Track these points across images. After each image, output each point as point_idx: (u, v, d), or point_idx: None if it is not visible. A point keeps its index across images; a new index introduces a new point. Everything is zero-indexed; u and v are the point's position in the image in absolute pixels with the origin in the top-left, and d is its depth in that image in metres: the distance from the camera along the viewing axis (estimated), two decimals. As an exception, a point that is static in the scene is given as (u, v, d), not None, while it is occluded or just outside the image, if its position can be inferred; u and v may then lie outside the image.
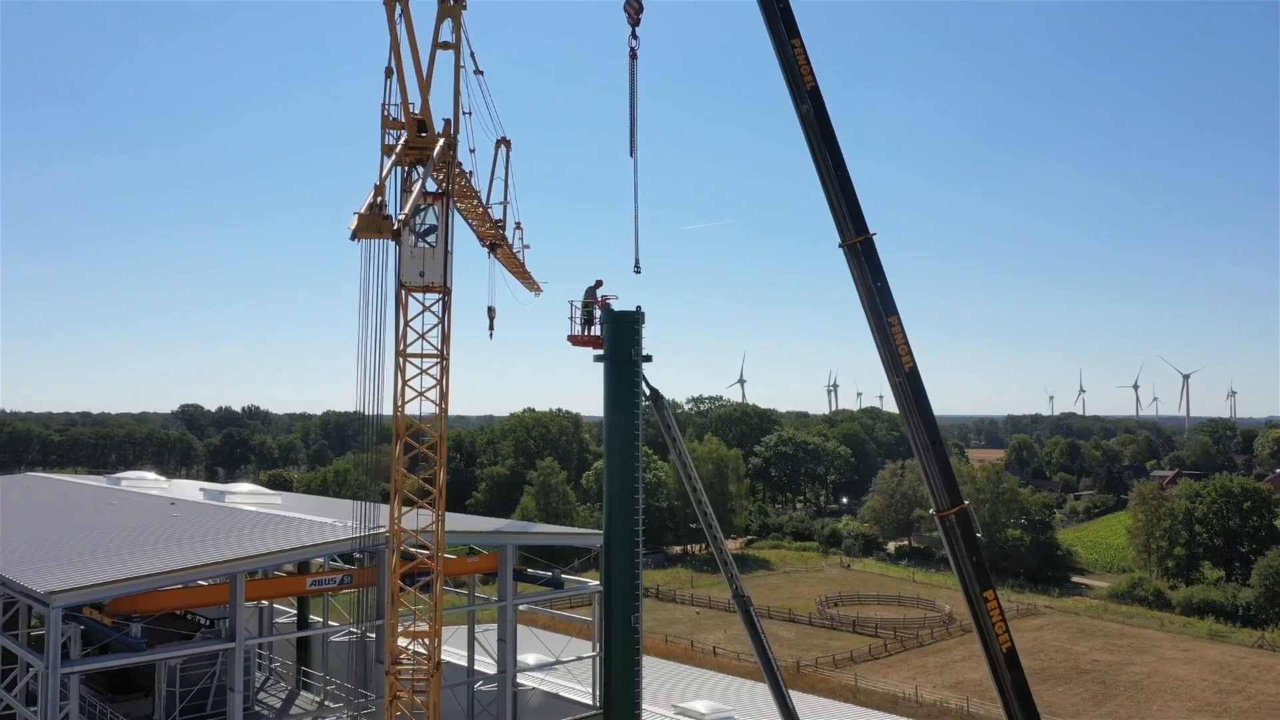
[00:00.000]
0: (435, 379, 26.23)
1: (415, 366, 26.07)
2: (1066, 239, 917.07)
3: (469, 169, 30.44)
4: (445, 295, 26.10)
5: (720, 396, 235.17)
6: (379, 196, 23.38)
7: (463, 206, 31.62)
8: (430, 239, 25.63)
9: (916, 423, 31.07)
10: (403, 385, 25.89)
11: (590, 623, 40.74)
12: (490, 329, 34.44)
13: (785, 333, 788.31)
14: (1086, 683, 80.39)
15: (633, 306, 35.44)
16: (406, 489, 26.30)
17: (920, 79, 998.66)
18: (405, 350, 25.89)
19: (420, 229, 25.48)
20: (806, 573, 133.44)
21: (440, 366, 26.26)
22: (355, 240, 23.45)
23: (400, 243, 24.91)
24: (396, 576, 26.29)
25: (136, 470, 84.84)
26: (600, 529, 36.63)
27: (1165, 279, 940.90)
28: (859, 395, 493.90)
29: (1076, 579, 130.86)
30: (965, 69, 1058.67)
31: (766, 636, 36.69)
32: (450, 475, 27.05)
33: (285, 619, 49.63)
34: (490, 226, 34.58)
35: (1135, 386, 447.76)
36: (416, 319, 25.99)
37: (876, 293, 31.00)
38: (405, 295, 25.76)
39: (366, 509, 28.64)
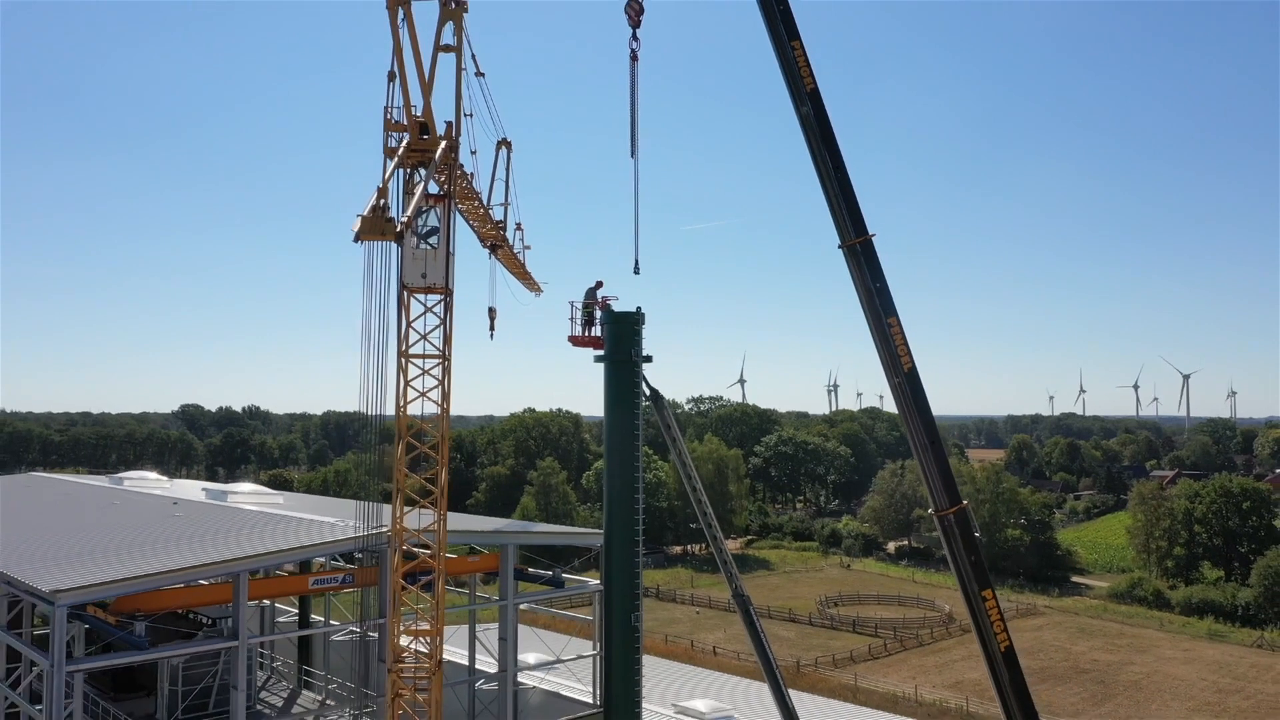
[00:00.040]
0: (437, 379, 26.38)
1: (417, 367, 26.18)
2: (1066, 239, 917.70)
3: (470, 170, 30.58)
4: (447, 296, 26.24)
5: (720, 396, 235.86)
6: (382, 199, 23.55)
7: (464, 208, 31.75)
8: (432, 241, 25.78)
9: (915, 423, 31.21)
10: (405, 385, 26.03)
11: (590, 622, 40.85)
12: (491, 329, 34.49)
13: (785, 333, 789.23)
14: (1086, 682, 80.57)
15: (633, 307, 35.61)
16: (408, 489, 26.46)
17: (920, 80, 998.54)
18: (407, 351, 26.02)
19: (422, 231, 25.63)
20: (806, 573, 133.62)
21: (442, 367, 26.40)
22: (358, 242, 23.63)
23: (403, 245, 25.06)
24: (398, 575, 26.46)
25: (138, 470, 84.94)
26: (600, 529, 36.79)
27: (1165, 279, 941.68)
28: (859, 395, 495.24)
29: (1076, 579, 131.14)
30: (965, 70, 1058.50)
31: (766, 636, 36.83)
32: (451, 475, 27.18)
33: (286, 618, 49.77)
34: (491, 228, 34.69)
35: (1135, 386, 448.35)
36: (419, 320, 26.13)
37: (876, 294, 31.09)
38: (407, 296, 25.90)
39: (369, 509, 28.82)
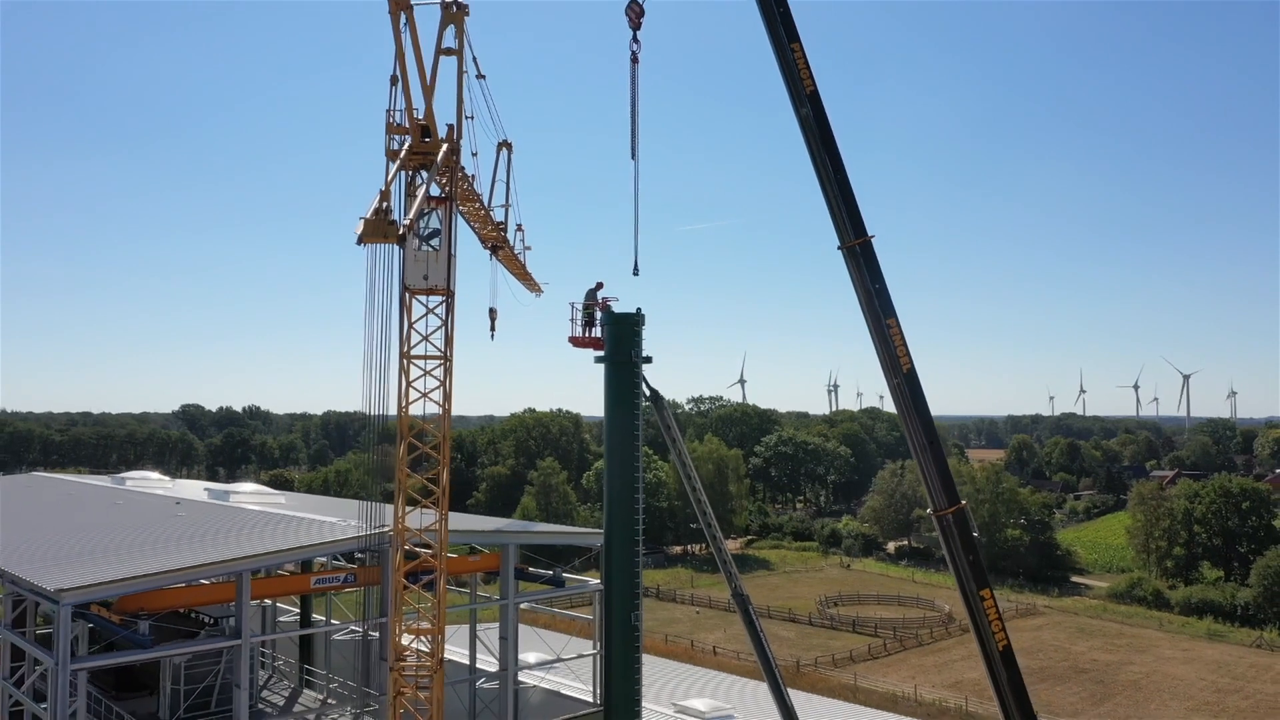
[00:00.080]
0: (439, 380, 26.56)
1: (419, 368, 26.37)
2: (1066, 239, 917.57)
3: (471, 172, 30.69)
4: (448, 298, 26.41)
5: (720, 396, 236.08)
6: (384, 202, 23.73)
7: (465, 210, 31.89)
8: (434, 243, 25.97)
9: (914, 423, 31.34)
10: (407, 386, 26.21)
11: (591, 621, 41.00)
12: (492, 330, 34.57)
13: (785, 333, 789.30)
14: (1085, 682, 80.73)
15: (633, 308, 35.72)
16: (409, 488, 26.64)
17: (920, 80, 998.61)
18: (409, 352, 26.21)
19: (424, 233, 25.83)
20: (806, 573, 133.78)
21: (443, 367, 26.58)
22: (361, 245, 23.83)
23: (405, 247, 25.25)
24: (400, 575, 26.65)
25: (140, 470, 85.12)
26: (600, 529, 36.95)
27: (1165, 279, 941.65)
28: (859, 395, 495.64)
29: (1076, 579, 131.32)
30: (965, 70, 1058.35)
31: (765, 635, 36.99)
32: (451, 475, 27.36)
33: (287, 618, 49.92)
34: (492, 229, 34.83)
35: (1135, 387, 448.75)
36: (420, 321, 26.32)
37: (875, 295, 31.17)
38: (409, 298, 26.09)
39: (372, 509, 28.99)
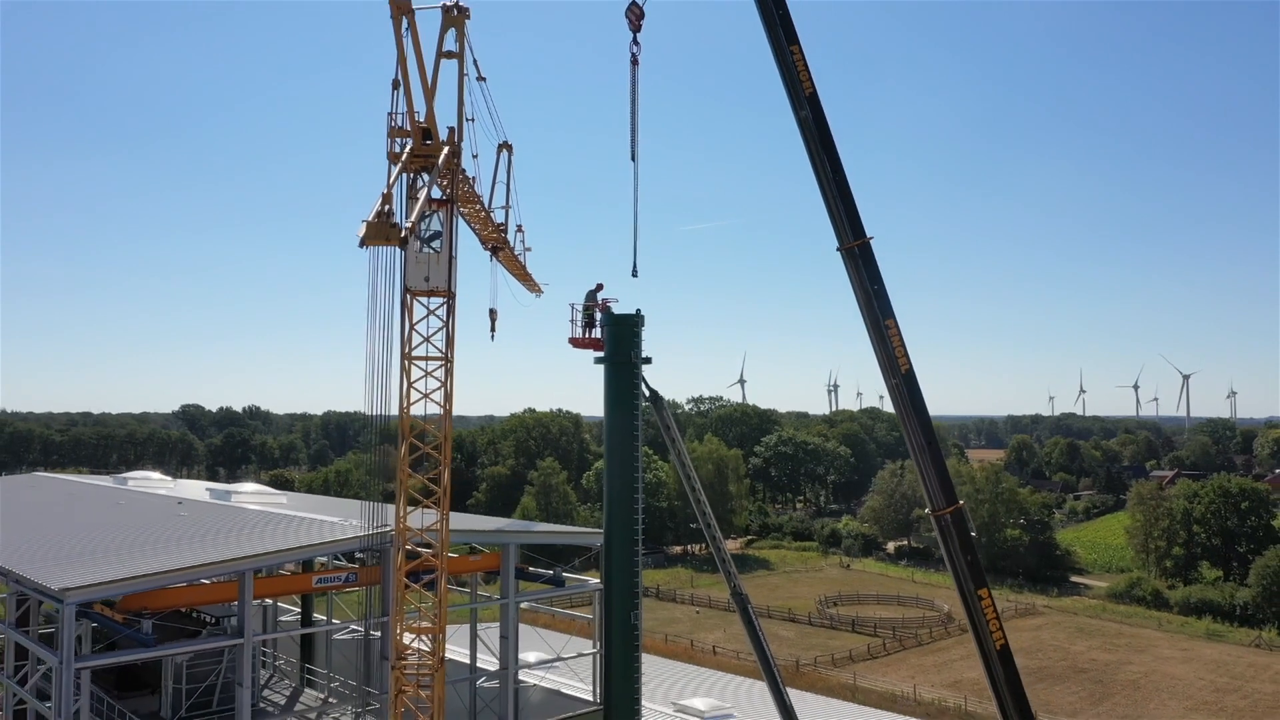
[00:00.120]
0: (440, 381, 26.72)
1: (420, 369, 26.54)
2: (1066, 239, 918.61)
3: (471, 174, 30.82)
4: (449, 299, 26.59)
5: (720, 397, 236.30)
6: (386, 205, 23.91)
7: (466, 211, 32.05)
8: (435, 244, 26.14)
9: (913, 424, 31.55)
10: (408, 387, 26.38)
11: (591, 621, 41.17)
12: (492, 331, 34.70)
13: (785, 333, 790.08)
14: (1084, 682, 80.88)
15: (633, 309, 35.94)
16: (410, 488, 26.80)
17: (920, 80, 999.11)
18: (410, 353, 26.39)
19: (426, 235, 26.00)
20: (806, 573, 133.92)
21: (444, 368, 26.75)
22: (363, 247, 24.01)
23: (406, 249, 25.42)
24: (401, 574, 26.82)
25: (141, 470, 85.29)
26: (600, 529, 37.12)
27: (1165, 279, 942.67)
28: (859, 395, 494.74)
29: (1075, 579, 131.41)
30: (965, 70, 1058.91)
31: (765, 635, 37.16)
32: (452, 475, 27.52)
33: (289, 617, 50.08)
34: (492, 230, 34.99)
35: (1135, 387, 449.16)
36: (421, 322, 26.49)
37: (874, 296, 31.36)
38: (410, 299, 26.27)
39: (373, 509, 29.16)
